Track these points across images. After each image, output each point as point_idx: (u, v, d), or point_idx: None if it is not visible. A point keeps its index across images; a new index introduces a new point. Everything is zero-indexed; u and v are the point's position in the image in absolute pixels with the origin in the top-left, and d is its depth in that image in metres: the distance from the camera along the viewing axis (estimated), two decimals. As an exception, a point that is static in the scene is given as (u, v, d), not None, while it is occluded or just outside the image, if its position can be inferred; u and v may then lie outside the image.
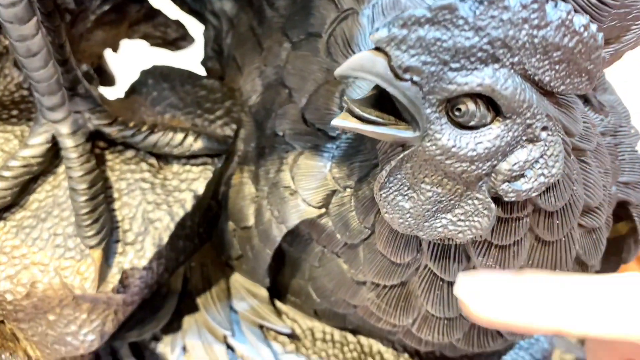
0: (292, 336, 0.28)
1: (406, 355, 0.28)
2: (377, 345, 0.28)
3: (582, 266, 0.21)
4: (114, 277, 0.21)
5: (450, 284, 0.21)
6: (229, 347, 0.27)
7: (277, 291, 0.29)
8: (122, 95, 0.29)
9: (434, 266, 0.20)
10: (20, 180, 0.23)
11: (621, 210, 0.26)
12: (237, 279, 0.28)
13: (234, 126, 0.26)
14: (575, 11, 0.16)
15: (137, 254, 0.22)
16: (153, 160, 0.24)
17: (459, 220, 0.18)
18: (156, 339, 0.27)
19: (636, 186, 0.25)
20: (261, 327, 0.27)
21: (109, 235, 0.22)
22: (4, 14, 0.20)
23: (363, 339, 0.29)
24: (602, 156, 0.20)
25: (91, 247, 0.21)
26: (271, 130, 0.25)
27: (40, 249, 0.22)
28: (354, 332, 0.28)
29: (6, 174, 0.22)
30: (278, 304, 0.29)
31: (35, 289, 0.21)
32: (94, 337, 0.23)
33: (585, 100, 0.24)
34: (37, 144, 0.23)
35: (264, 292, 0.28)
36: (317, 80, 0.24)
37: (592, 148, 0.19)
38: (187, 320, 0.27)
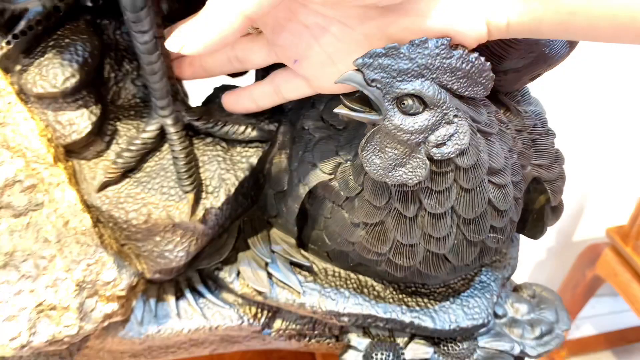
0: (311, 271, 0.40)
1: (391, 288, 0.40)
2: (370, 281, 0.40)
3: (497, 211, 0.33)
4: (199, 212, 0.34)
5: (411, 219, 0.33)
6: (269, 274, 0.39)
7: (302, 243, 0.41)
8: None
9: (400, 207, 0.32)
10: (140, 153, 0.36)
11: (540, 186, 0.38)
12: (275, 231, 0.40)
13: (276, 124, 0.38)
14: (470, 51, 0.28)
15: (215, 199, 0.35)
16: (224, 144, 0.37)
17: (409, 171, 0.30)
18: (218, 268, 0.39)
19: (547, 168, 0.37)
20: (291, 263, 0.39)
21: (198, 186, 0.34)
22: (141, 48, 0.34)
23: (361, 277, 0.40)
24: (507, 138, 0.32)
25: (187, 192, 0.34)
26: (300, 126, 0.37)
27: (153, 195, 0.35)
28: (355, 271, 0.40)
29: (132, 147, 0.35)
30: (302, 252, 0.41)
31: (150, 217, 0.34)
32: (183, 254, 0.35)
33: (507, 108, 0.36)
34: (151, 130, 0.36)
35: (293, 241, 0.40)
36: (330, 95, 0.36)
37: (494, 132, 0.31)
38: (240, 255, 0.39)
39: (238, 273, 0.38)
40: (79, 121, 0.34)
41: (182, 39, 0.27)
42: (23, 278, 0.32)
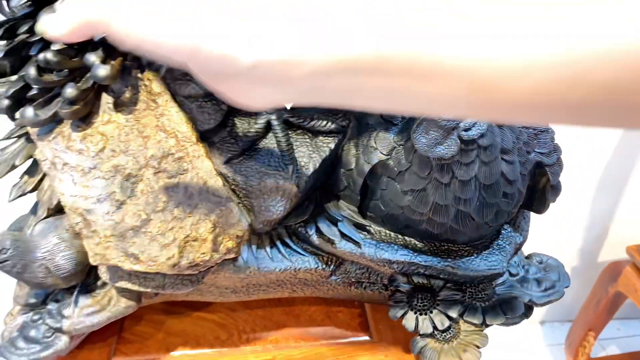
0: (369, 232, 0.53)
1: (429, 245, 0.52)
2: (414, 240, 0.53)
3: (507, 180, 0.46)
4: (294, 179, 0.48)
5: (446, 185, 0.46)
6: (339, 230, 0.52)
7: (362, 212, 0.55)
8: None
9: (438, 176, 0.46)
10: (253, 139, 0.50)
11: (542, 170, 0.51)
12: (342, 202, 0.54)
13: (347, 121, 0.53)
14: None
15: (305, 170, 0.49)
16: (310, 134, 0.51)
17: (445, 148, 0.43)
18: (301, 226, 0.53)
19: (547, 155, 0.50)
20: (354, 224, 0.53)
21: (294, 161, 0.49)
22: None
23: (406, 237, 0.53)
24: (515, 130, 0.45)
25: (287, 164, 0.48)
26: (365, 122, 0.51)
27: (262, 166, 0.49)
28: (402, 233, 0.53)
29: (248, 134, 0.50)
30: (362, 218, 0.54)
31: (262, 181, 0.48)
32: (282, 209, 0.50)
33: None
34: (261, 123, 0.50)
35: (355, 209, 0.54)
36: (388, 99, 0.51)
37: (505, 124, 0.44)
38: (318, 217, 0.53)
39: (316, 229, 0.52)
40: (213, 114, 0.49)
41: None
42: (175, 219, 0.47)
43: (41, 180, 0.55)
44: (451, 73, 0.24)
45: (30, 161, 0.56)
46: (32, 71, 0.44)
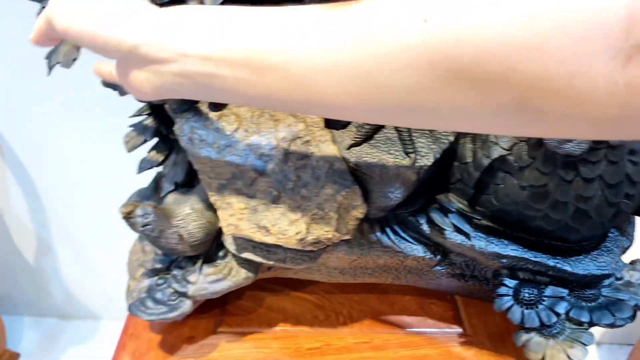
0: (478, 225, 0.55)
1: (538, 243, 0.54)
2: (524, 236, 0.54)
3: (631, 181, 0.47)
4: (417, 167, 0.51)
5: (568, 182, 0.47)
6: (451, 222, 0.54)
7: (472, 207, 0.56)
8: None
9: (562, 173, 0.47)
10: (373, 128, 0.53)
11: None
12: (452, 195, 0.56)
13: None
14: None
15: (427, 160, 0.51)
16: (429, 126, 0.53)
17: (576, 144, 0.44)
18: (412, 215, 0.55)
19: (667, 161, 0.51)
20: (465, 217, 0.55)
21: (415, 152, 0.51)
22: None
23: (515, 233, 0.55)
24: None
25: (408, 154, 0.51)
26: (483, 119, 0.53)
27: (384, 153, 0.51)
28: (511, 228, 0.55)
29: (363, 128, 0.53)
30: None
31: (384, 167, 0.51)
32: (399, 196, 0.52)
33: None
34: None
35: (465, 202, 0.55)
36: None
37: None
38: (430, 207, 0.55)
39: (427, 218, 0.54)
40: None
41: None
42: (302, 198, 0.50)
43: (167, 156, 0.60)
44: (277, 67, 0.27)
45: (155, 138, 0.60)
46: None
